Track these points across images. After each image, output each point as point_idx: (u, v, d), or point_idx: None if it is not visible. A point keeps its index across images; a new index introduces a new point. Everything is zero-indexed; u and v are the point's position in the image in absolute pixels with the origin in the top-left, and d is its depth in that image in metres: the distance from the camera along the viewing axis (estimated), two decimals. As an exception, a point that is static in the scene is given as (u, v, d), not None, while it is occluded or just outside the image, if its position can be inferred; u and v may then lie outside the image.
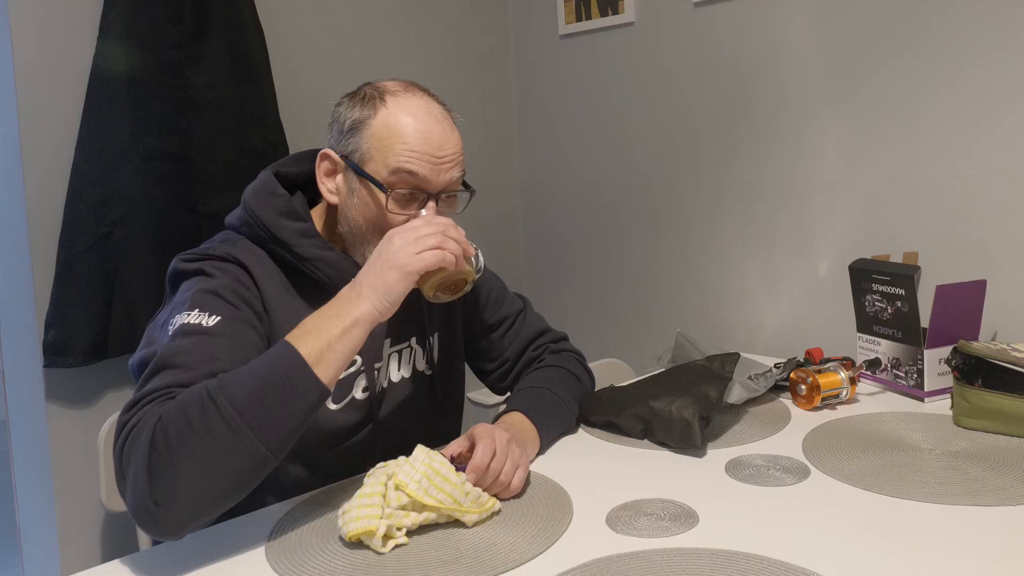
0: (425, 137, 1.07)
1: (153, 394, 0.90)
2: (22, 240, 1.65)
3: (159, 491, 0.83)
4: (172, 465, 0.83)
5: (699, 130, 2.05)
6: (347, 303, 0.97)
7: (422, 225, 1.01)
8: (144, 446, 0.84)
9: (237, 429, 0.85)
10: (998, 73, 1.56)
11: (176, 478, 0.83)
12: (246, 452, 0.85)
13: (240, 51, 1.81)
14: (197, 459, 0.84)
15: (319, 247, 1.10)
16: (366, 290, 0.97)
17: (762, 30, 1.90)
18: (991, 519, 0.94)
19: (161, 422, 0.85)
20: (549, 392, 1.25)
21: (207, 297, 1.01)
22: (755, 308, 2.00)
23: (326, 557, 0.90)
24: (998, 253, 1.59)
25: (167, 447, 0.84)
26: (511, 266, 2.52)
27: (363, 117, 1.08)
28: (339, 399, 1.13)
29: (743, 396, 1.33)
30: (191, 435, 0.84)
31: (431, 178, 1.07)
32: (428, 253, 0.98)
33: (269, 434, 0.87)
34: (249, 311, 1.03)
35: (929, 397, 1.40)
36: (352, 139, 1.09)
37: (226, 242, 1.10)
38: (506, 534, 0.94)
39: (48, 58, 1.65)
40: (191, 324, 0.97)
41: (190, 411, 0.85)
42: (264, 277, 1.08)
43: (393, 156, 1.06)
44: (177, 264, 1.07)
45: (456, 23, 2.39)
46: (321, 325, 0.94)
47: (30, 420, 1.70)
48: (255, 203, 1.10)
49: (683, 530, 0.94)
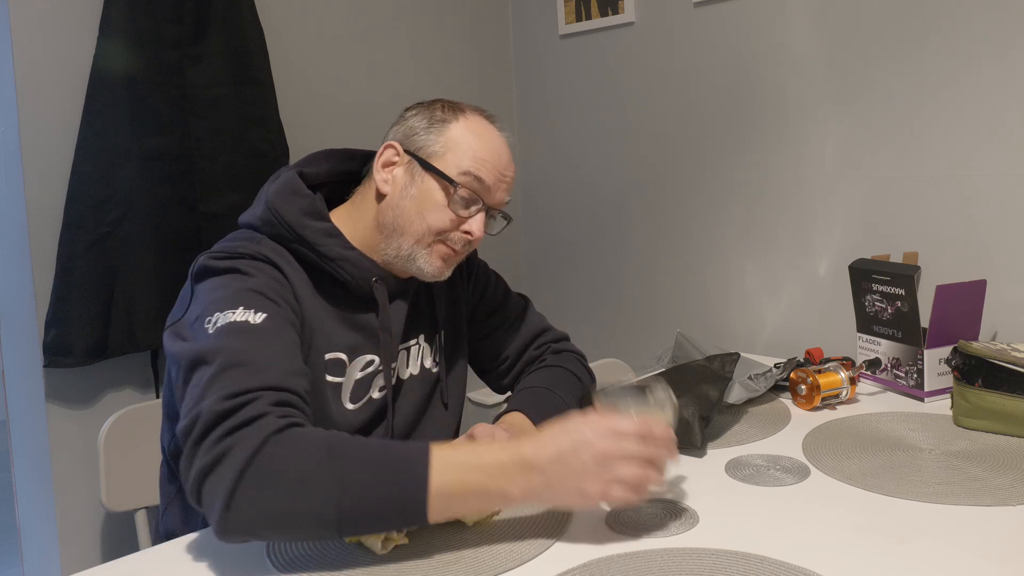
0: (497, 153, 1.13)
1: (244, 395, 0.87)
2: (22, 240, 1.65)
3: (240, 499, 0.82)
4: (266, 486, 0.82)
5: (699, 130, 2.05)
6: (512, 474, 0.88)
7: (638, 444, 0.90)
8: (248, 454, 0.82)
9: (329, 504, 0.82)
10: (998, 73, 1.56)
11: (260, 498, 0.82)
12: (326, 519, 0.83)
13: (240, 51, 1.81)
14: (285, 498, 0.82)
15: (342, 247, 1.10)
16: (536, 480, 0.88)
17: (762, 30, 1.90)
18: (991, 519, 0.94)
19: (277, 439, 0.83)
20: (550, 392, 1.25)
21: (251, 295, 0.99)
22: (755, 308, 2.00)
23: (327, 555, 0.90)
24: (998, 253, 1.59)
25: (270, 471, 0.82)
26: (511, 266, 2.52)
27: (441, 119, 1.13)
28: (357, 399, 1.13)
29: (743, 396, 1.33)
30: (297, 475, 0.83)
31: (493, 190, 1.13)
32: (622, 490, 0.88)
33: (351, 522, 0.84)
34: (289, 310, 1.03)
35: (929, 397, 1.40)
36: (427, 136, 1.12)
37: (251, 241, 1.09)
38: (506, 534, 0.94)
39: (48, 58, 1.65)
40: (239, 322, 0.95)
41: (308, 452, 0.84)
42: (293, 276, 1.08)
43: (467, 160, 1.10)
44: (206, 261, 1.04)
45: (456, 23, 2.39)
46: (477, 471, 0.87)
47: (30, 420, 1.70)
48: (279, 203, 1.09)
49: (683, 530, 0.94)
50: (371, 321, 1.14)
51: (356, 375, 1.13)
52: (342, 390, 1.12)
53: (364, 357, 1.13)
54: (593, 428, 0.89)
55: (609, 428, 0.89)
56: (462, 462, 0.87)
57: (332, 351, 1.10)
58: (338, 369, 1.11)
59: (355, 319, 1.13)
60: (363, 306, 1.13)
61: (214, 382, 0.88)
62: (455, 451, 0.89)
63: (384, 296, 1.13)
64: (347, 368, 1.12)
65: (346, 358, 1.12)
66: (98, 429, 1.39)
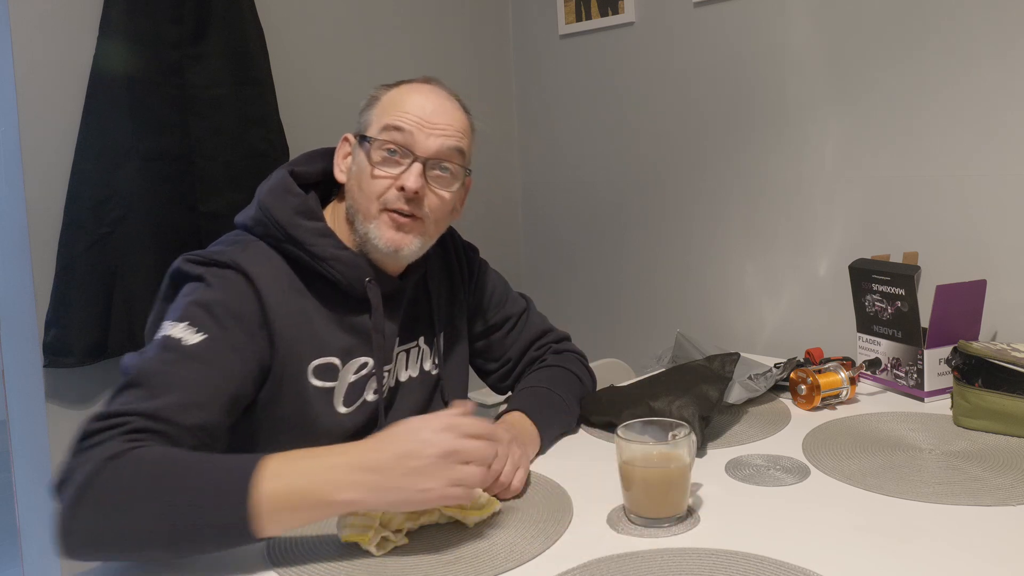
0: (420, 104, 1.10)
1: (119, 417, 0.88)
2: (22, 240, 1.65)
3: (78, 519, 0.82)
4: (99, 508, 0.83)
5: (699, 130, 2.05)
6: (345, 476, 0.86)
7: (478, 445, 0.90)
8: (87, 476, 0.83)
9: (156, 527, 0.82)
10: (998, 73, 1.56)
11: (95, 519, 0.82)
12: (156, 542, 0.83)
13: (240, 51, 1.81)
14: (116, 519, 0.83)
15: (334, 246, 1.09)
16: (373, 480, 0.86)
17: (762, 30, 1.90)
18: (991, 519, 0.94)
19: (113, 464, 0.83)
20: (550, 392, 1.25)
21: (199, 311, 0.99)
22: (755, 308, 2.00)
23: (326, 555, 0.90)
24: (998, 253, 1.59)
25: (103, 492, 0.83)
26: (511, 266, 2.52)
27: (375, 96, 1.14)
28: (351, 402, 1.12)
29: (743, 396, 1.33)
30: (125, 499, 0.83)
31: (418, 138, 1.08)
32: (456, 490, 0.87)
33: (187, 547, 0.83)
34: (239, 331, 1.00)
35: (929, 397, 1.40)
36: (365, 115, 1.13)
37: (236, 244, 1.08)
38: (506, 534, 0.94)
39: (48, 58, 1.65)
40: (174, 339, 0.96)
41: (138, 476, 0.83)
42: (270, 283, 1.05)
43: (387, 116, 1.10)
44: (181, 264, 1.05)
45: (456, 23, 2.39)
46: (305, 477, 0.85)
47: (30, 420, 1.70)
48: (271, 202, 1.09)
49: (683, 530, 0.94)
50: (365, 323, 1.12)
51: (350, 378, 1.11)
52: (334, 394, 1.10)
53: (358, 360, 1.12)
54: (433, 428, 0.88)
55: (449, 426, 0.89)
56: (291, 470, 0.85)
57: (322, 356, 1.08)
58: (329, 374, 1.09)
59: (349, 321, 1.11)
60: (357, 307, 1.12)
61: (114, 398, 0.92)
62: (288, 460, 0.86)
63: (377, 297, 1.11)
64: (340, 372, 1.10)
65: (339, 362, 1.10)
66: (98, 429, 1.39)
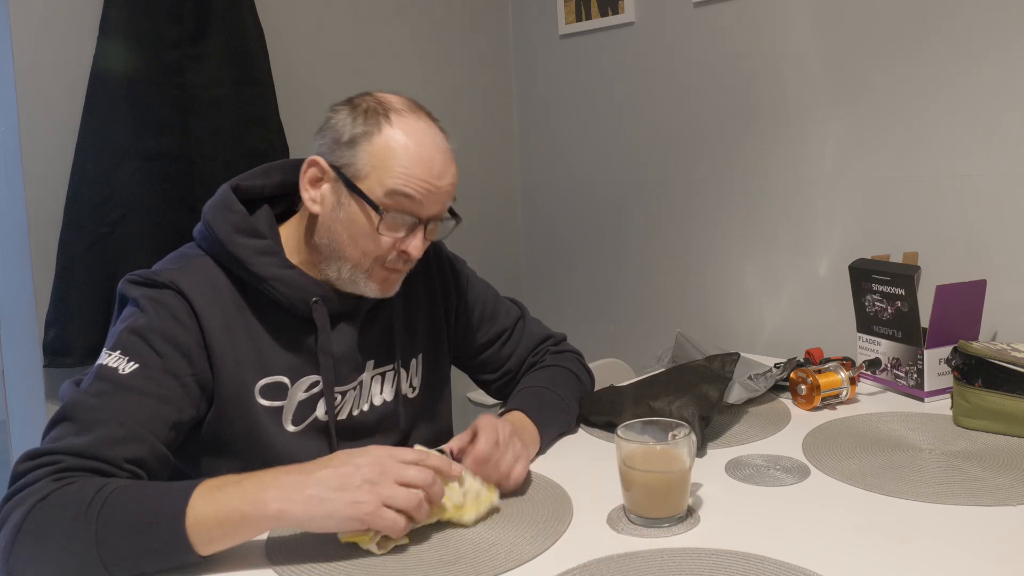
0: (427, 165, 1.03)
1: (48, 455, 0.88)
2: (22, 240, 1.65)
3: (13, 565, 0.83)
4: (33, 551, 0.83)
5: (699, 130, 2.05)
6: (274, 490, 0.86)
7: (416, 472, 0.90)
8: (18, 520, 0.84)
9: (92, 559, 0.82)
10: (998, 74, 1.56)
11: (31, 562, 0.83)
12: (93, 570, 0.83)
13: (240, 51, 1.81)
14: (52, 560, 0.83)
15: (277, 266, 1.05)
16: (306, 492, 0.86)
17: (762, 30, 1.90)
18: (991, 519, 0.94)
19: (42, 506, 0.84)
20: (549, 391, 1.25)
21: (132, 339, 0.98)
22: (755, 308, 2.00)
23: (326, 556, 0.90)
24: (998, 253, 1.59)
25: (34, 535, 0.83)
26: (511, 266, 2.52)
27: (364, 132, 1.03)
28: (300, 420, 1.08)
29: (743, 396, 1.33)
30: (57, 538, 0.83)
31: (426, 205, 1.04)
32: (389, 513, 0.87)
33: (119, 570, 0.83)
34: (175, 355, 0.99)
35: (929, 397, 1.40)
36: (348, 152, 1.04)
37: (179, 259, 1.07)
38: (506, 534, 0.94)
39: (48, 58, 1.65)
40: (108, 368, 0.95)
41: (66, 513, 0.84)
42: (210, 302, 1.03)
43: (391, 178, 1.02)
44: (123, 286, 1.03)
45: (456, 23, 2.39)
46: (232, 497, 0.85)
47: (30, 420, 1.70)
48: (212, 218, 1.06)
49: (683, 530, 0.94)
50: (314, 343, 1.08)
51: (299, 396, 1.08)
52: (282, 413, 1.07)
53: (308, 378, 1.08)
54: (372, 452, 0.90)
55: (389, 453, 0.90)
56: (222, 488, 0.85)
57: (269, 375, 1.06)
58: (278, 393, 1.07)
59: (297, 340, 1.08)
60: (304, 327, 1.08)
61: (46, 429, 0.93)
62: (222, 481, 0.87)
63: (324, 318, 1.07)
64: (289, 390, 1.07)
65: (288, 380, 1.07)
66: (98, 429, 1.39)
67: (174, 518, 0.83)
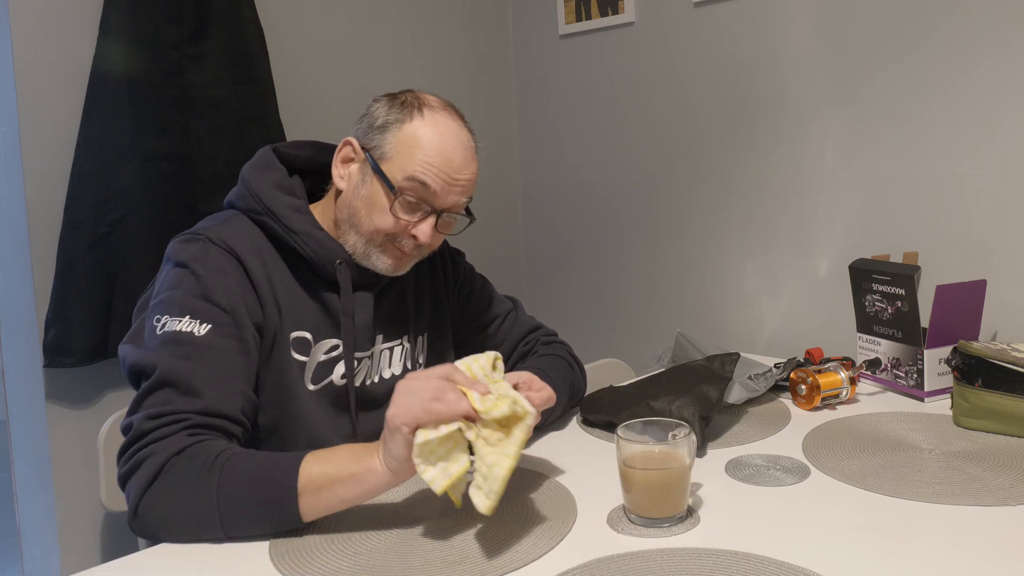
0: (447, 157, 1.10)
1: (174, 415, 0.97)
2: (22, 240, 1.65)
3: (144, 507, 0.94)
4: (164, 496, 0.94)
5: (699, 130, 2.05)
6: (366, 452, 0.95)
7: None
8: (155, 468, 0.94)
9: (212, 510, 0.92)
10: (998, 74, 1.56)
11: (159, 508, 0.94)
12: (211, 525, 0.93)
13: (240, 51, 1.81)
14: (183, 505, 0.94)
15: (309, 224, 1.13)
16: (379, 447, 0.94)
17: (762, 30, 1.90)
18: (991, 519, 0.94)
19: (177, 460, 0.94)
20: (541, 373, 1.26)
21: (199, 303, 1.04)
22: (755, 308, 2.00)
23: (329, 556, 0.90)
24: (998, 253, 1.59)
25: (166, 484, 0.93)
26: (511, 266, 2.52)
27: (396, 120, 1.11)
28: (318, 380, 1.14)
29: (743, 396, 1.33)
30: (185, 490, 0.93)
31: (440, 195, 1.11)
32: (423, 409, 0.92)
33: (233, 526, 0.93)
34: (238, 308, 1.06)
35: (929, 397, 1.40)
36: (379, 136, 1.12)
37: (218, 218, 1.13)
38: (509, 535, 0.94)
39: (48, 58, 1.65)
40: (183, 332, 1.02)
41: (194, 468, 0.94)
42: (252, 254, 1.10)
43: (412, 164, 1.09)
44: (172, 247, 1.10)
45: (456, 23, 2.39)
46: (341, 460, 0.94)
47: (30, 420, 1.70)
48: (251, 176, 1.14)
49: (683, 530, 0.94)
50: (336, 304, 1.15)
51: (320, 357, 1.14)
52: (306, 369, 1.14)
53: (328, 341, 1.15)
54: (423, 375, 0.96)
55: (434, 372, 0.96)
56: (332, 452, 0.95)
57: (298, 329, 1.13)
58: (303, 348, 1.13)
59: (322, 300, 1.15)
60: (328, 288, 1.15)
61: (147, 397, 0.99)
62: (327, 450, 0.96)
63: (347, 280, 1.14)
64: (312, 348, 1.14)
65: (311, 338, 1.14)
66: (98, 429, 1.39)
67: (287, 480, 0.92)
